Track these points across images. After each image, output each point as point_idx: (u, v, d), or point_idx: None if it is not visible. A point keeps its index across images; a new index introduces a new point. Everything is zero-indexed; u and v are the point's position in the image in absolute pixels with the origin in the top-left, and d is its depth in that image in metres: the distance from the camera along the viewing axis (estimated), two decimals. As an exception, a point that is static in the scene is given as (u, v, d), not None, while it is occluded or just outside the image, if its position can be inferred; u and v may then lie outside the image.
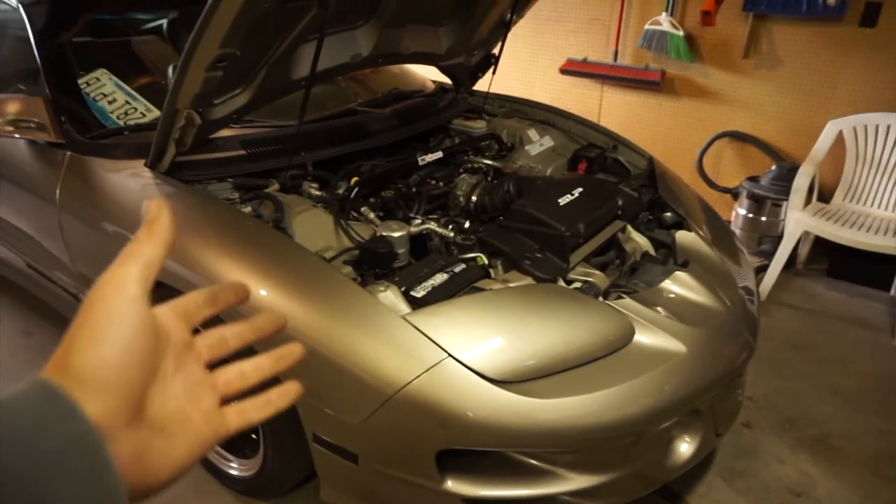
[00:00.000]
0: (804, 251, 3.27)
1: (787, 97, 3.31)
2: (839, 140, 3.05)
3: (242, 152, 1.85)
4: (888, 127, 2.96)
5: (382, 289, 1.41)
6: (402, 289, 1.45)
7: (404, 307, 1.40)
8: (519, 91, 2.98)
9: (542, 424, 1.30)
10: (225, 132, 1.87)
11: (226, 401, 0.45)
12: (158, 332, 0.40)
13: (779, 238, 3.06)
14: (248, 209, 1.67)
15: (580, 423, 1.33)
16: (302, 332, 1.34)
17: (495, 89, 2.75)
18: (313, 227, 1.64)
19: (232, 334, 0.48)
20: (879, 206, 3.01)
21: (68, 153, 1.85)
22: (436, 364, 1.27)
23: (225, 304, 0.47)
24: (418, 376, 1.27)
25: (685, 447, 1.60)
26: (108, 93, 1.98)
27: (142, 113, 1.96)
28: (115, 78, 2.03)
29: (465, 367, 1.28)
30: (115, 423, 0.36)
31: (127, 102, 1.96)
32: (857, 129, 3.02)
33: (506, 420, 1.27)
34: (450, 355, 1.28)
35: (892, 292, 3.07)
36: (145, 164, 1.71)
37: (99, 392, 0.35)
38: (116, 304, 0.38)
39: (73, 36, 2.18)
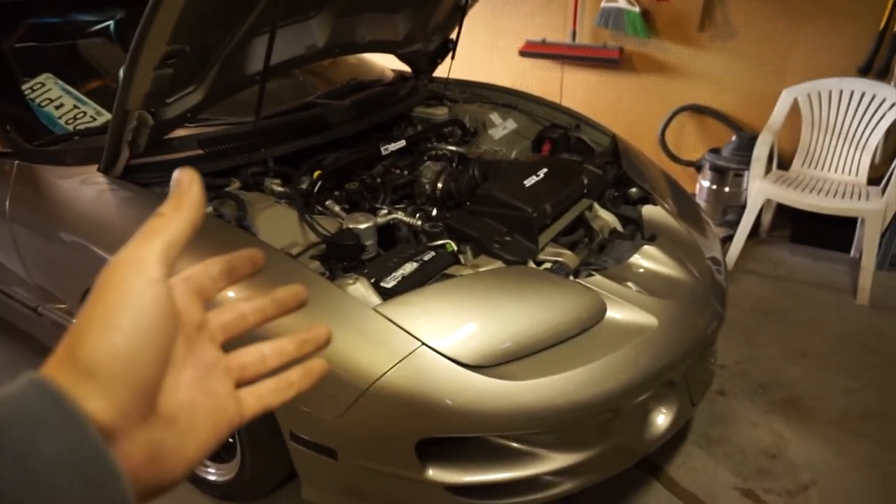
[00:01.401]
0: (767, 219, 3.33)
1: (743, 68, 3.36)
2: (795, 107, 3.11)
3: (200, 151, 1.81)
4: (840, 92, 3.02)
5: (351, 281, 1.39)
6: (372, 280, 1.44)
7: (375, 298, 1.38)
8: (481, 76, 2.97)
9: (520, 406, 1.30)
10: (180, 132, 1.82)
11: (241, 384, 0.41)
12: (176, 316, 0.36)
13: (742, 208, 3.11)
14: (209, 209, 1.63)
15: (558, 402, 1.33)
16: (271, 330, 1.31)
17: (456, 75, 2.73)
18: (278, 224, 1.61)
19: (251, 310, 0.43)
20: (837, 171, 3.08)
21: (16, 162, 1.78)
22: (409, 354, 1.26)
23: (241, 276, 0.42)
24: (392, 367, 1.25)
25: (662, 419, 1.62)
26: (55, 97, 1.91)
27: (92, 117, 1.90)
28: (61, 82, 1.96)
29: (440, 354, 1.27)
30: (128, 423, 0.32)
31: (75, 107, 1.89)
32: (811, 96, 3.08)
33: (484, 405, 1.27)
34: (423, 344, 1.27)
35: (853, 254, 3.15)
36: (98, 170, 1.65)
37: (111, 388, 0.31)
38: (134, 288, 0.33)
39: (14, 42, 2.10)
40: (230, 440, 1.68)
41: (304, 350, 0.44)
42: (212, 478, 1.74)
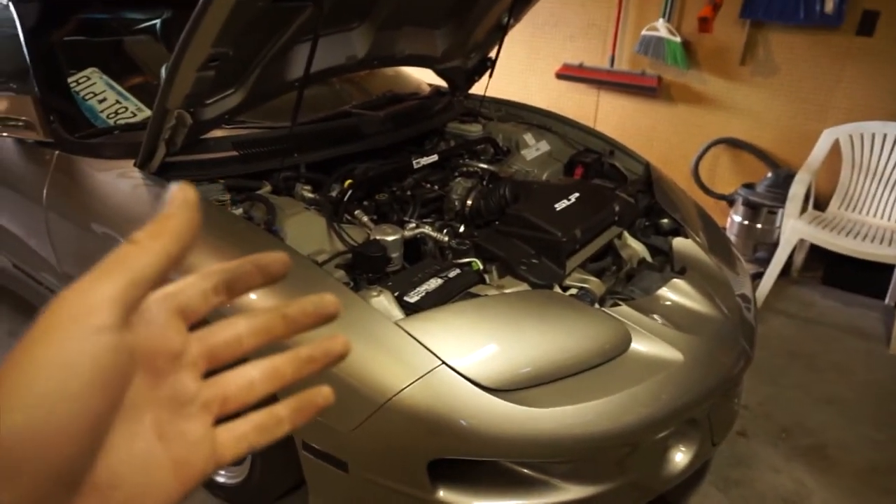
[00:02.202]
0: (799, 259, 3.26)
1: (783, 104, 3.31)
2: (835, 148, 3.05)
3: (234, 153, 1.82)
4: (884, 136, 2.96)
5: (375, 294, 1.38)
6: (396, 294, 1.43)
7: (397, 313, 1.37)
8: (515, 95, 2.96)
9: (537, 433, 1.28)
10: (216, 133, 1.84)
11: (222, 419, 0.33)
12: (132, 365, 0.29)
13: (774, 245, 3.05)
14: (239, 211, 1.64)
15: (576, 432, 1.30)
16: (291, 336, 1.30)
17: (492, 93, 2.73)
18: (306, 230, 1.61)
19: (252, 330, 0.34)
20: (875, 215, 3.01)
21: (56, 152, 1.81)
22: (429, 371, 1.24)
23: (247, 288, 0.34)
24: (411, 383, 1.24)
25: (681, 457, 1.57)
26: (99, 92, 1.95)
27: (132, 112, 1.93)
28: (105, 77, 2.00)
29: (459, 374, 1.25)
30: None
31: (118, 102, 1.93)
32: (853, 138, 3.02)
33: (500, 429, 1.24)
34: (443, 362, 1.25)
35: (888, 301, 3.07)
36: (134, 164, 1.67)
37: (13, 480, 0.24)
38: (69, 342, 0.26)
39: (64, 35, 2.15)
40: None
41: (307, 370, 0.35)
42: (220, 479, 1.74)
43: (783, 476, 2.02)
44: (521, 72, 4.10)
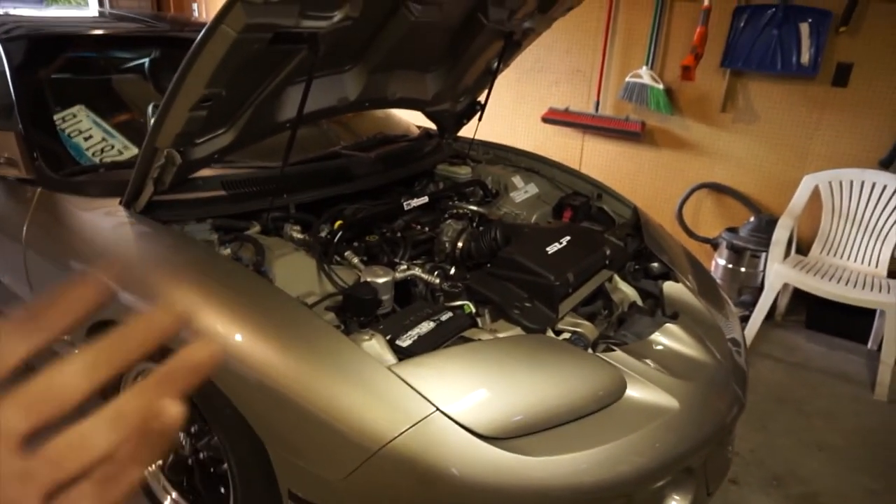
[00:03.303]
0: (783, 303, 3.29)
1: (764, 150, 3.38)
2: (815, 194, 3.11)
3: (223, 193, 1.80)
4: (861, 183, 3.02)
5: (367, 337, 1.35)
6: (388, 337, 1.39)
7: (390, 357, 1.33)
8: (502, 138, 2.99)
9: (530, 483, 1.24)
10: (205, 172, 1.82)
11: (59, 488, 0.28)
12: None
13: (758, 289, 3.08)
14: (227, 251, 1.61)
15: (570, 482, 1.26)
16: (279, 381, 1.26)
17: (479, 136, 2.75)
18: (295, 271, 1.58)
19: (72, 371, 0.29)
20: (856, 260, 3.05)
21: (39, 189, 1.77)
22: (424, 418, 1.21)
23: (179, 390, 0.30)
24: (405, 431, 1.20)
25: (676, 508, 1.53)
26: (85, 129, 1.92)
27: (119, 150, 1.90)
28: (92, 114, 1.98)
29: (454, 421, 1.22)
30: None
31: (104, 139, 1.90)
32: (832, 184, 3.08)
33: (493, 479, 1.20)
34: (438, 409, 1.22)
35: (870, 345, 3.09)
36: (120, 203, 1.64)
37: None
38: None
39: (52, 72, 2.14)
40: (222, 490, 1.61)
41: (155, 425, 0.30)
42: (199, 532, 1.66)
43: (777, 526, 1.99)
44: (507, 115, 4.16)
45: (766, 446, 2.33)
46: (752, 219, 3.36)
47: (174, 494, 1.76)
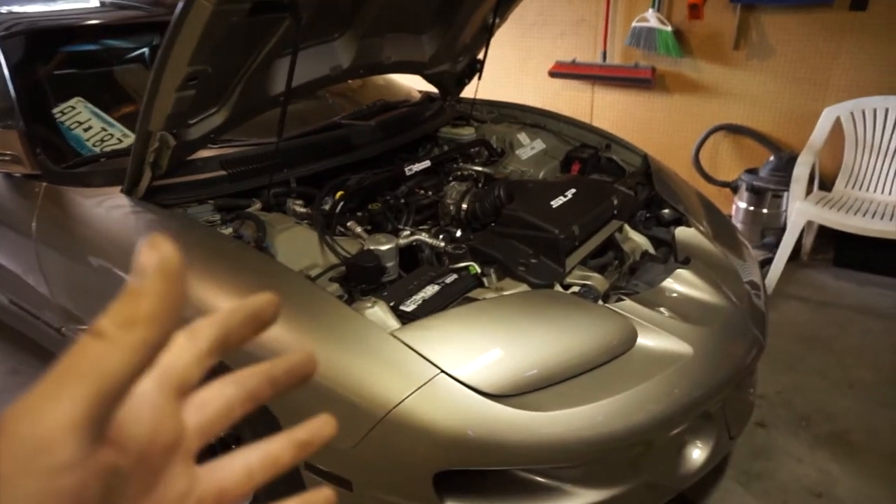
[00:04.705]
0: (808, 241, 3.20)
1: (781, 86, 3.26)
2: (837, 127, 2.99)
3: (223, 172, 1.80)
4: (886, 110, 2.90)
5: (370, 305, 1.34)
6: (391, 304, 1.39)
7: (393, 323, 1.33)
8: (510, 97, 2.94)
9: (545, 439, 1.23)
10: (204, 153, 1.82)
11: None
12: (115, 487, 0.23)
13: (782, 230, 2.99)
14: (229, 231, 1.61)
15: (586, 434, 1.25)
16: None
17: (485, 96, 2.70)
18: (297, 245, 1.58)
19: (243, 396, 0.30)
20: (882, 192, 2.94)
21: (44, 184, 1.79)
22: (427, 381, 1.20)
23: (240, 341, 0.29)
24: (409, 395, 1.20)
25: (698, 453, 1.52)
26: (84, 120, 1.93)
27: (118, 139, 1.91)
28: (90, 105, 1.98)
29: (460, 382, 1.21)
30: None
31: (103, 129, 1.91)
32: (854, 115, 2.96)
33: (506, 437, 1.20)
34: (442, 371, 1.21)
35: (902, 278, 2.99)
36: (121, 191, 1.65)
37: None
38: (17, 492, 0.20)
39: (53, 69, 2.14)
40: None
41: (303, 456, 0.31)
42: None
43: (806, 465, 1.96)
44: (513, 73, 4.08)
45: (793, 387, 2.29)
46: (771, 158, 3.26)
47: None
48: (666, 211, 2.00)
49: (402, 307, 1.38)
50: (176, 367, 0.27)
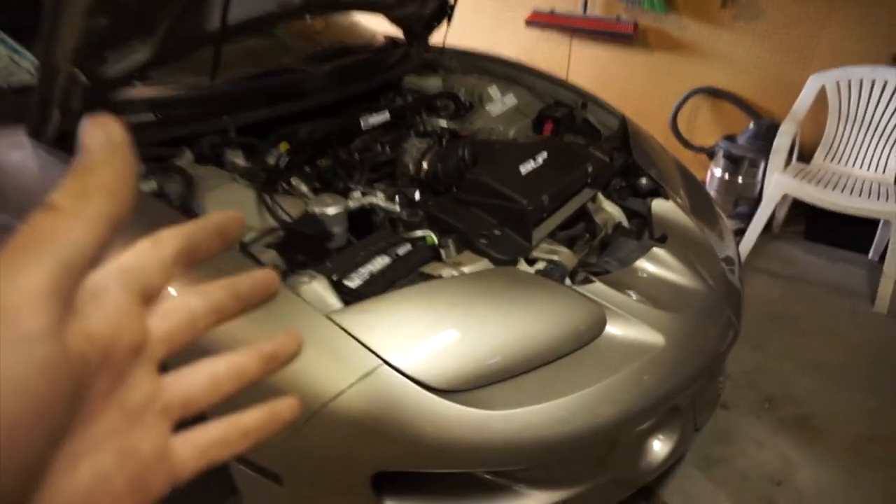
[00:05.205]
0: (781, 213, 3.11)
1: (766, 51, 3.10)
2: (821, 96, 2.87)
3: (151, 117, 1.58)
4: (872, 81, 2.77)
5: (306, 280, 1.18)
6: (334, 277, 1.22)
7: (333, 301, 1.17)
8: (484, 46, 2.71)
9: (498, 439, 1.10)
10: (132, 93, 1.59)
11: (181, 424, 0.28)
12: (85, 371, 0.22)
13: (756, 200, 2.90)
14: (152, 184, 1.41)
15: (545, 434, 1.13)
16: (208, 336, 1.10)
17: (458, 45, 2.48)
18: (230, 205, 1.39)
19: (207, 309, 0.29)
20: (862, 167, 2.85)
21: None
22: (368, 373, 1.06)
23: (207, 255, 0.29)
24: (347, 387, 1.05)
25: (661, 447, 1.42)
26: (-12, 47, 1.67)
27: (29, 72, 1.66)
28: (-2, 29, 1.72)
29: (404, 375, 1.07)
30: None
31: (10, 59, 1.66)
32: (840, 84, 2.83)
33: (453, 437, 1.07)
34: (384, 362, 1.06)
35: (871, 256, 2.94)
36: (28, 134, 1.43)
37: None
38: None
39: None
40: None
41: (270, 369, 0.32)
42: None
43: (767, 451, 1.90)
44: (489, 22, 3.83)
45: (759, 368, 2.22)
46: (751, 125, 3.13)
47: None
48: (643, 180, 1.85)
49: (346, 281, 1.22)
50: (140, 269, 0.26)
